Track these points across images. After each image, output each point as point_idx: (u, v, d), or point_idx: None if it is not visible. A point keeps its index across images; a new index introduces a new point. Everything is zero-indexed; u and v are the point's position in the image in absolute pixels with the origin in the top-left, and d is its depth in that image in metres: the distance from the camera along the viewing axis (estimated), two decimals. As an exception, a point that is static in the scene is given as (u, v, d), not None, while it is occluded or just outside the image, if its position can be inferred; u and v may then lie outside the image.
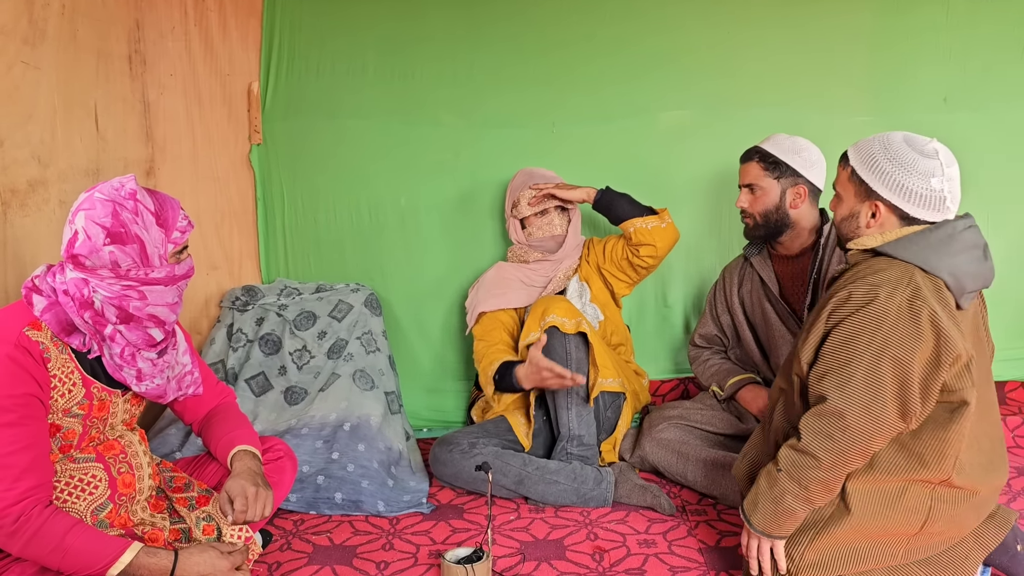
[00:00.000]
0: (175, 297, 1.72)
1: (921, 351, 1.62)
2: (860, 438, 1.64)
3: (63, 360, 1.64)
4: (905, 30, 2.92)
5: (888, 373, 1.62)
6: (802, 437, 1.68)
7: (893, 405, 1.63)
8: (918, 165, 1.70)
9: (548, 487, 2.36)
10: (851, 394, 1.64)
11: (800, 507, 1.71)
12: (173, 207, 1.71)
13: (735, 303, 2.65)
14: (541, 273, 2.76)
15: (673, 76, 2.95)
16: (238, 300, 2.92)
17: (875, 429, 1.63)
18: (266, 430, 2.55)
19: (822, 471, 1.67)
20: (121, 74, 2.70)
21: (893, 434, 1.66)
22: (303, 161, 3.00)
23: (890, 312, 1.62)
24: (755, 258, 2.59)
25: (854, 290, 1.66)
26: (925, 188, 1.70)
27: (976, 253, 1.74)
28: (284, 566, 2.06)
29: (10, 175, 2.08)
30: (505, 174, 2.91)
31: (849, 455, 1.66)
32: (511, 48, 2.95)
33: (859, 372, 1.64)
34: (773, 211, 2.45)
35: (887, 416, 1.63)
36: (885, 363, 1.62)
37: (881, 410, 1.63)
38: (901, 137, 1.75)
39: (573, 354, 2.44)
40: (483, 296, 2.75)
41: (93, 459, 1.71)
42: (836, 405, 1.64)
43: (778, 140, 2.47)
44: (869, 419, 1.63)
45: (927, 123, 2.92)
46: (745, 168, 2.50)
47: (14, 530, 1.53)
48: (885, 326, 1.62)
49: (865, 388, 1.63)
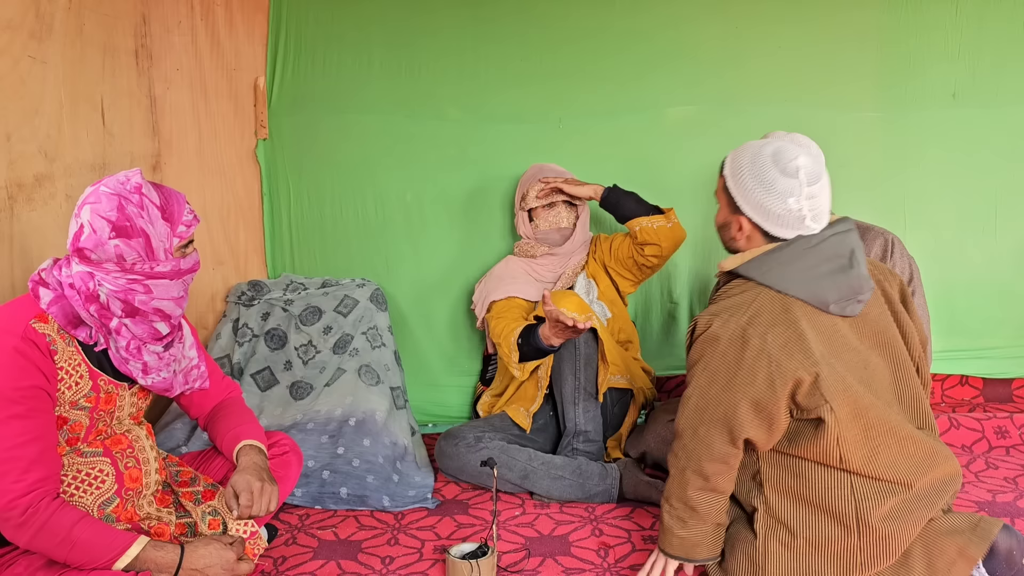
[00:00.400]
0: (181, 291, 1.73)
1: (747, 377, 1.67)
2: (692, 458, 1.74)
3: (70, 353, 1.65)
4: (914, 26, 2.91)
5: (715, 399, 1.70)
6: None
7: (718, 430, 1.71)
8: (777, 185, 1.71)
9: (553, 482, 2.35)
10: (686, 417, 1.75)
11: (666, 516, 1.81)
12: (179, 201, 1.71)
13: None
14: (549, 269, 2.75)
15: (681, 72, 2.94)
16: (244, 295, 2.92)
17: (704, 452, 1.72)
18: (271, 425, 2.55)
19: (671, 485, 1.80)
20: (128, 68, 2.70)
21: (728, 458, 1.72)
22: (309, 156, 3.00)
23: (721, 340, 1.69)
24: None
25: (699, 319, 1.76)
26: (782, 208, 1.72)
27: (839, 262, 1.73)
28: (289, 560, 2.07)
29: (17, 169, 2.08)
30: (512, 170, 2.91)
31: (686, 473, 1.76)
32: (518, 43, 2.94)
33: (692, 397, 1.74)
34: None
35: (713, 441, 1.71)
36: (713, 389, 1.71)
37: (706, 434, 1.72)
38: (770, 152, 1.74)
39: (582, 349, 2.43)
40: (493, 286, 2.75)
41: (100, 453, 1.72)
42: (676, 425, 1.78)
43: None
44: (696, 441, 1.73)
45: (936, 119, 2.93)
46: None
47: (22, 522, 1.53)
48: (716, 354, 1.70)
49: (695, 412, 1.74)
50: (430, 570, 2.02)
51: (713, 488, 1.75)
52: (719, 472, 1.73)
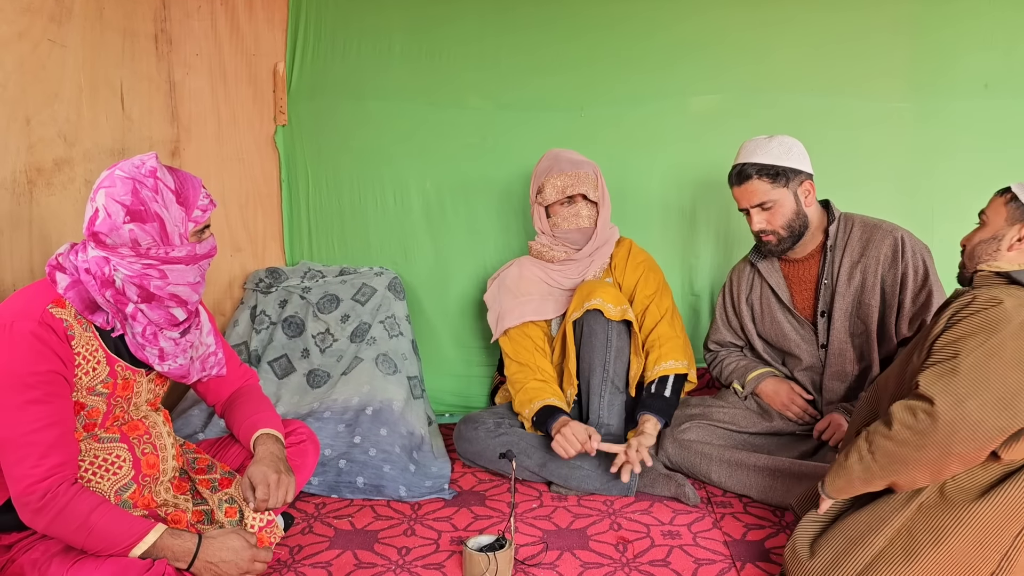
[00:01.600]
0: (197, 276, 1.71)
1: None
2: (944, 430, 1.53)
3: (87, 338, 1.64)
4: (947, 16, 2.84)
5: (996, 375, 1.52)
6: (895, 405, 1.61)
7: (994, 408, 1.51)
8: None
9: (572, 471, 2.33)
10: (948, 384, 1.54)
11: (859, 472, 1.65)
12: (194, 185, 1.69)
13: (743, 310, 2.55)
14: (567, 275, 2.58)
15: (705, 60, 2.89)
16: (262, 282, 2.92)
17: (964, 427, 1.52)
18: (288, 413, 2.55)
19: (893, 443, 1.59)
20: (147, 53, 2.69)
21: (983, 445, 1.53)
22: (328, 143, 2.98)
23: (1013, 320, 1.54)
24: (762, 264, 2.48)
25: (978, 295, 1.60)
26: None
27: None
28: (306, 549, 2.06)
29: (36, 154, 2.08)
30: (533, 159, 2.87)
31: (925, 443, 1.55)
32: (540, 30, 2.90)
33: (963, 365, 1.54)
34: (795, 218, 2.33)
35: (985, 418, 1.51)
36: (995, 364, 1.53)
37: (976, 409, 1.51)
38: None
39: (614, 342, 2.39)
40: (507, 306, 2.57)
41: (117, 439, 1.71)
42: (927, 389, 1.55)
43: (764, 147, 2.33)
44: (959, 414, 1.52)
45: (967, 110, 2.86)
46: (746, 189, 2.33)
47: (40, 507, 1.53)
48: (1005, 331, 1.54)
49: (965, 381, 1.53)
50: (447, 562, 2.00)
51: (932, 475, 1.59)
52: (963, 458, 1.55)
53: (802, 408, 2.42)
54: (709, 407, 2.51)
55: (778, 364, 2.54)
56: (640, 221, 2.90)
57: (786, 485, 2.23)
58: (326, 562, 2.00)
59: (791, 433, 2.44)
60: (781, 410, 2.44)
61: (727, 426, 2.46)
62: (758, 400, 2.50)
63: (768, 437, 2.46)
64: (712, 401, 2.56)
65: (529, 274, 2.61)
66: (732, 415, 2.47)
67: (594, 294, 2.38)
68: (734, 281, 2.60)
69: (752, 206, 2.34)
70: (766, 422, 2.45)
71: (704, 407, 2.52)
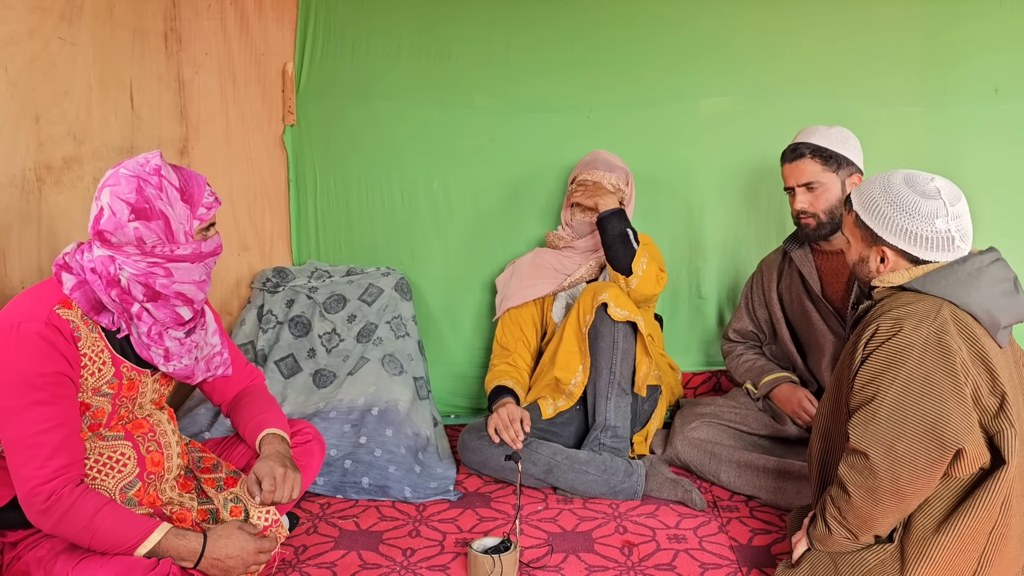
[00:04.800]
0: (202, 275, 1.70)
1: (952, 385, 1.56)
2: (886, 478, 1.58)
3: (93, 339, 1.64)
4: (957, 18, 2.82)
5: (913, 410, 1.57)
6: (840, 466, 1.66)
7: (923, 443, 1.55)
8: (920, 208, 1.67)
9: (577, 476, 2.32)
10: (874, 433, 1.59)
11: (844, 535, 1.68)
12: (199, 183, 1.69)
13: (773, 299, 2.55)
14: (575, 261, 2.69)
15: (715, 62, 2.87)
16: (269, 281, 2.92)
17: (904, 471, 1.57)
18: (294, 412, 2.55)
19: (853, 506, 1.63)
20: (157, 52, 2.70)
21: (932, 475, 1.57)
22: (336, 142, 2.98)
23: (916, 345, 1.58)
24: (796, 252, 2.48)
25: (880, 323, 1.63)
26: (930, 230, 1.66)
27: (1006, 286, 1.68)
28: (311, 549, 2.06)
29: (45, 152, 2.08)
30: (541, 159, 2.87)
31: (879, 495, 1.60)
32: (549, 29, 2.89)
33: (882, 409, 1.59)
34: (837, 206, 2.32)
35: (917, 456, 1.56)
36: (909, 399, 1.57)
37: (908, 449, 1.56)
38: (901, 178, 1.71)
39: (620, 343, 2.39)
40: (515, 287, 2.69)
41: (122, 437, 1.71)
42: (859, 444, 1.61)
43: (823, 132, 2.36)
44: (894, 459, 1.57)
45: (977, 114, 2.85)
46: (796, 167, 2.35)
47: (46, 508, 1.53)
48: (910, 360, 1.58)
49: (889, 427, 1.58)
50: (451, 563, 2.00)
51: (903, 511, 1.62)
52: (918, 493, 1.59)
53: (812, 416, 2.41)
54: (720, 407, 2.51)
55: (799, 360, 2.52)
56: (648, 223, 2.89)
57: (795, 487, 2.23)
58: (331, 562, 2.00)
59: (801, 438, 2.43)
60: (792, 416, 2.43)
61: (737, 426, 2.46)
62: (770, 403, 2.49)
63: (778, 440, 2.45)
64: (723, 401, 2.55)
65: (542, 261, 2.71)
66: (743, 416, 2.47)
67: (601, 291, 2.39)
68: (764, 272, 2.60)
69: (799, 185, 2.35)
70: (777, 425, 2.44)
71: (715, 406, 2.52)
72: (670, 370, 2.70)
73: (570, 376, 2.45)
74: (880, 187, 1.72)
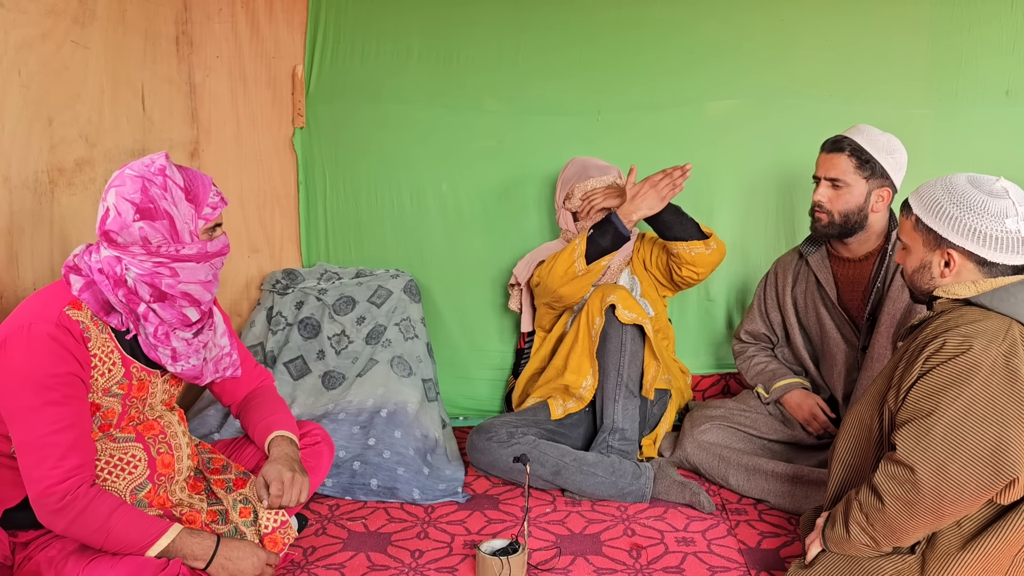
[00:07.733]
0: (208, 275, 1.71)
1: (1016, 411, 1.50)
2: (930, 496, 1.52)
3: (103, 339, 1.65)
4: (967, 21, 2.81)
5: (973, 432, 1.51)
6: (876, 473, 1.61)
7: (977, 468, 1.50)
8: (989, 207, 1.60)
9: (585, 478, 2.32)
10: (926, 449, 1.53)
11: (865, 541, 1.64)
12: (204, 183, 1.70)
13: (787, 302, 2.51)
14: None
15: (724, 64, 2.87)
16: (278, 283, 2.93)
17: (951, 492, 1.51)
18: (303, 414, 2.56)
19: (886, 516, 1.58)
20: (168, 55, 2.71)
21: (977, 499, 1.52)
22: (345, 145, 2.99)
23: (983, 366, 1.51)
24: (812, 257, 2.43)
25: (948, 339, 1.56)
26: (1000, 230, 1.59)
27: None
28: (319, 551, 2.06)
29: (58, 154, 2.09)
30: (549, 162, 2.87)
31: (917, 510, 1.55)
32: (558, 32, 2.90)
33: (938, 427, 1.53)
34: (855, 212, 2.27)
35: (968, 481, 1.50)
36: (970, 421, 1.51)
37: (959, 472, 1.50)
38: (965, 179, 1.65)
39: (628, 345, 2.39)
40: (538, 254, 2.68)
41: (133, 439, 1.72)
42: (906, 457, 1.54)
43: (871, 135, 2.28)
44: (942, 479, 1.51)
45: (987, 117, 2.84)
46: (830, 159, 2.28)
47: (59, 509, 1.54)
48: (976, 381, 1.52)
49: (941, 445, 1.52)
50: (460, 565, 2.00)
51: (936, 528, 1.58)
52: (957, 514, 1.55)
53: (823, 424, 2.40)
54: (731, 410, 2.50)
55: (812, 366, 2.51)
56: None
57: (804, 492, 2.22)
58: (339, 564, 2.00)
59: (811, 444, 2.42)
60: (803, 423, 2.42)
61: (748, 430, 2.44)
62: (781, 408, 2.48)
63: (787, 444, 2.44)
64: (733, 404, 2.54)
65: (558, 247, 2.68)
66: (754, 420, 2.46)
67: (610, 293, 2.40)
68: (779, 273, 2.55)
69: (826, 177, 2.29)
70: (788, 430, 2.43)
71: (725, 409, 2.50)
72: (680, 373, 2.70)
73: (580, 380, 2.45)
74: (943, 188, 1.65)
